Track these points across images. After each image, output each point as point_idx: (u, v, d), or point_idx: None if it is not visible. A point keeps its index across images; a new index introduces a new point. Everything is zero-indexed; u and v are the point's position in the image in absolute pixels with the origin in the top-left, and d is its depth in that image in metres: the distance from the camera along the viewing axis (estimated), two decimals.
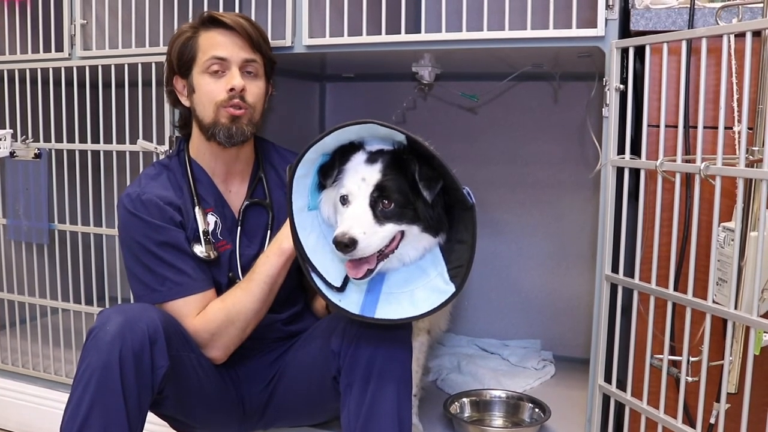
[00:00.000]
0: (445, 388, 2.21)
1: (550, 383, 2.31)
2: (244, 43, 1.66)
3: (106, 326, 1.41)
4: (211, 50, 1.64)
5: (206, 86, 1.65)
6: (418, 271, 1.42)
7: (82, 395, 1.37)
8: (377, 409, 1.41)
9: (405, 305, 1.39)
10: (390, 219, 1.35)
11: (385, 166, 1.36)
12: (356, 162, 1.39)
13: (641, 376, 1.53)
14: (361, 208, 1.35)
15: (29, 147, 2.23)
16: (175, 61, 1.70)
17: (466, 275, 1.35)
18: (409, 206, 1.36)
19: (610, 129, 1.60)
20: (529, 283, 2.61)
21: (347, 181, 1.37)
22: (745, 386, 1.26)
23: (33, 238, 2.28)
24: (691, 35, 1.39)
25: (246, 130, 1.67)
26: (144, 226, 1.60)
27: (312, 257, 1.40)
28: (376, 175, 1.35)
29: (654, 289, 1.48)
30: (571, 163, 2.48)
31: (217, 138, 1.66)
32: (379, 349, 1.44)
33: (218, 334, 1.58)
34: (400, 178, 1.36)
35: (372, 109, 2.77)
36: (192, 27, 1.69)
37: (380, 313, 1.38)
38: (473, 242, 1.34)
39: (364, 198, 1.35)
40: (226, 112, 1.64)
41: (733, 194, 1.34)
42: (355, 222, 1.33)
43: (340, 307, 1.38)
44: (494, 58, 2.06)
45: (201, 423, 1.68)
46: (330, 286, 1.40)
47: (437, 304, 1.36)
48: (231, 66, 1.65)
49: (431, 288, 1.39)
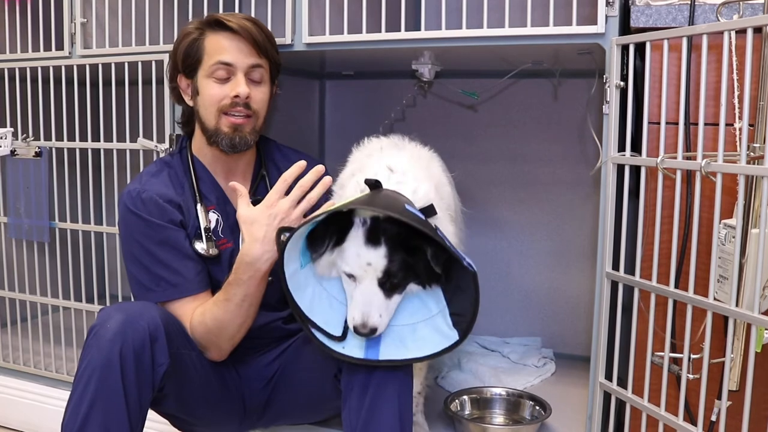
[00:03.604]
0: (445, 385, 2.20)
1: (551, 381, 2.31)
2: (250, 48, 1.65)
3: (106, 324, 1.41)
4: (216, 55, 1.63)
5: (210, 90, 1.64)
6: (419, 303, 1.43)
7: (83, 393, 1.38)
8: (379, 407, 1.40)
9: (408, 343, 1.41)
10: (396, 289, 1.39)
11: (389, 250, 1.35)
12: (356, 242, 1.36)
13: (642, 373, 1.53)
14: (372, 291, 1.36)
15: (30, 145, 2.23)
16: (180, 62, 1.68)
17: (469, 328, 1.37)
18: (411, 273, 1.38)
19: (611, 126, 1.60)
20: (529, 281, 2.61)
21: (351, 262, 1.36)
22: (746, 384, 1.26)
23: (34, 236, 2.28)
24: (692, 32, 1.38)
25: (249, 139, 1.67)
26: (143, 225, 1.60)
27: (310, 314, 1.41)
28: (382, 261, 1.35)
29: (655, 287, 1.48)
30: (572, 160, 2.48)
31: (219, 146, 1.66)
32: None
33: (205, 343, 1.59)
34: (403, 255, 1.36)
35: (372, 107, 2.76)
36: (198, 28, 1.67)
37: (384, 353, 1.40)
38: (474, 312, 1.35)
39: (372, 280, 1.36)
40: (227, 120, 1.64)
41: (734, 191, 1.34)
42: (370, 308, 1.36)
43: (344, 355, 1.40)
44: (494, 56, 2.06)
45: (201, 421, 1.68)
46: (331, 336, 1.41)
47: (441, 348, 1.39)
48: (237, 72, 1.64)
49: (434, 327, 1.41)
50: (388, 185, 1.43)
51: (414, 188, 1.45)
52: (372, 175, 1.47)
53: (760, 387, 1.38)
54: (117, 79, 2.07)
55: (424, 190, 1.46)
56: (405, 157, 1.59)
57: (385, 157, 1.58)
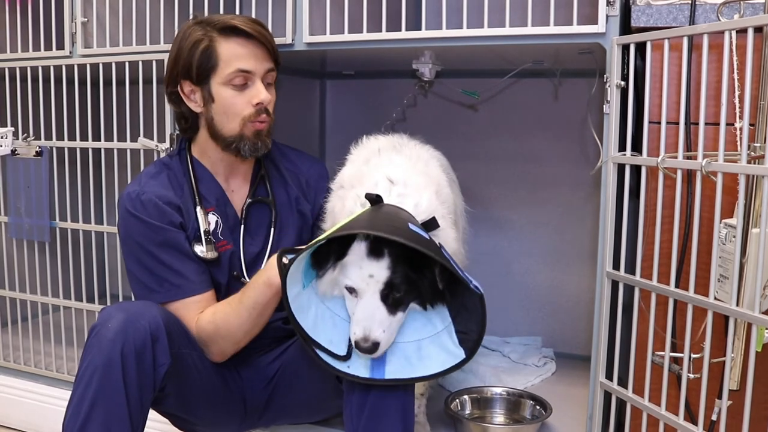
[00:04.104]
0: (445, 385, 2.20)
1: (551, 380, 2.31)
2: (265, 53, 1.64)
3: (108, 324, 1.41)
4: (235, 62, 1.61)
5: (230, 99, 1.63)
6: (424, 320, 1.41)
7: (84, 392, 1.38)
8: (381, 405, 1.40)
9: (414, 361, 1.39)
10: (399, 305, 1.35)
11: (392, 262, 1.32)
12: (358, 255, 1.33)
13: (642, 373, 1.52)
14: (374, 305, 1.33)
15: (30, 145, 2.23)
16: (193, 69, 1.63)
17: (476, 347, 1.36)
18: (414, 289, 1.36)
19: (611, 126, 1.60)
20: (530, 280, 2.61)
21: (353, 275, 1.34)
22: (746, 383, 1.26)
23: (34, 235, 2.28)
24: (693, 31, 1.38)
25: (268, 142, 1.69)
26: (143, 227, 1.60)
27: (314, 334, 1.38)
28: (385, 273, 1.32)
29: (655, 286, 1.48)
30: (572, 160, 2.48)
31: (241, 151, 1.65)
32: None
33: (210, 344, 1.59)
34: (406, 268, 1.33)
35: (372, 106, 2.76)
36: (207, 34, 1.62)
37: (390, 372, 1.38)
38: (481, 332, 1.35)
39: (375, 293, 1.33)
40: (252, 127, 1.64)
41: (734, 191, 1.34)
42: (372, 323, 1.32)
43: (349, 374, 1.38)
44: (495, 55, 2.06)
45: (202, 420, 1.68)
46: (336, 356, 1.39)
47: (448, 367, 1.36)
48: (255, 79, 1.63)
49: (440, 345, 1.39)
50: (389, 199, 1.42)
51: (416, 201, 1.43)
52: (372, 186, 1.45)
53: (761, 386, 1.38)
54: (118, 78, 2.07)
55: (426, 202, 1.44)
56: (404, 163, 1.57)
57: (383, 164, 1.55)
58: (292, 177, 1.82)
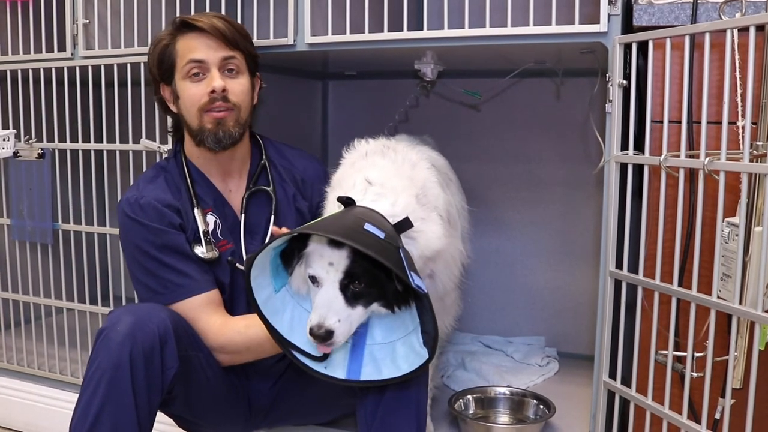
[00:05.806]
0: (449, 384, 2.21)
1: (554, 380, 2.31)
2: (219, 43, 1.65)
3: (116, 326, 1.41)
4: (188, 54, 1.64)
5: (188, 91, 1.65)
6: (398, 321, 1.40)
7: (93, 395, 1.38)
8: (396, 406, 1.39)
9: (387, 362, 1.38)
10: (360, 299, 1.33)
11: (352, 251, 1.30)
12: (320, 243, 1.33)
13: (646, 372, 1.53)
14: (332, 293, 1.31)
15: (32, 147, 2.23)
16: (155, 70, 1.70)
17: (435, 347, 1.33)
18: (376, 284, 1.34)
19: (613, 125, 1.60)
20: (533, 280, 2.61)
21: (314, 264, 1.33)
22: (750, 381, 1.26)
23: (37, 238, 2.28)
24: (694, 30, 1.38)
25: (234, 132, 1.66)
26: (144, 230, 1.60)
27: (290, 336, 1.38)
28: (344, 261, 1.31)
29: (658, 285, 1.48)
30: (574, 159, 2.48)
31: (206, 144, 1.66)
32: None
33: (233, 353, 1.59)
34: (369, 264, 1.31)
35: (374, 106, 2.77)
36: (169, 34, 1.68)
37: (366, 373, 1.37)
38: (435, 334, 1.32)
39: (334, 283, 1.32)
40: (209, 117, 1.64)
41: (737, 189, 1.34)
42: (328, 311, 1.30)
43: (326, 375, 1.37)
44: (496, 55, 2.06)
45: (208, 421, 1.68)
46: (313, 357, 1.38)
47: (414, 368, 1.35)
48: (210, 68, 1.64)
49: (409, 345, 1.38)
50: (365, 199, 1.43)
51: (392, 201, 1.43)
52: (350, 186, 1.47)
53: (764, 385, 1.38)
54: (119, 80, 2.07)
55: (403, 203, 1.44)
56: (387, 165, 1.57)
57: (366, 167, 1.56)
58: (288, 174, 1.82)
